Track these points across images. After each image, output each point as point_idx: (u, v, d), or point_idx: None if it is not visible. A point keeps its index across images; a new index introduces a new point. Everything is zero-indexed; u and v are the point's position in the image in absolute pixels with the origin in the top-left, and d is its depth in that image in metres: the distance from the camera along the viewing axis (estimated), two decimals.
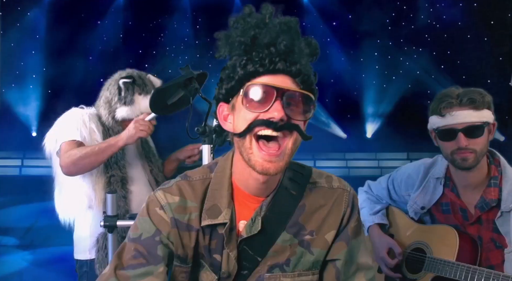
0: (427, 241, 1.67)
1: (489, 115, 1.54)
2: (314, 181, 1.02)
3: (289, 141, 0.91)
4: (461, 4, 5.60)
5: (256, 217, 0.95)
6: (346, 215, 0.99)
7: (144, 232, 0.96)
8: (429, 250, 1.64)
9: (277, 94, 0.89)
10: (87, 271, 2.11)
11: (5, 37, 5.56)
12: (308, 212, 0.98)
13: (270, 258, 0.96)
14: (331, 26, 6.36)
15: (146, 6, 5.46)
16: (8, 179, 6.29)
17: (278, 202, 0.97)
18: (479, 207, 1.58)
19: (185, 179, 1.00)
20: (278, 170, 0.90)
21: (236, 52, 0.92)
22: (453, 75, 5.58)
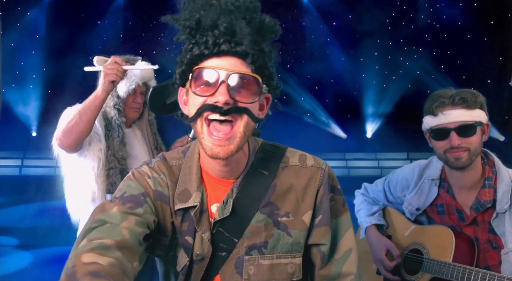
0: (424, 242, 1.67)
1: (481, 115, 1.54)
2: (286, 160, 1.00)
3: (240, 124, 0.89)
4: (461, 4, 5.60)
5: (228, 199, 0.94)
6: (320, 194, 0.97)
7: (129, 190, 0.94)
8: (426, 251, 1.64)
9: (222, 77, 0.87)
10: None
11: (5, 37, 5.56)
12: (279, 191, 0.96)
13: (246, 238, 0.95)
14: (331, 26, 6.36)
15: (146, 6, 5.47)
16: (8, 179, 6.30)
17: (249, 183, 0.96)
18: (474, 208, 1.58)
19: (164, 161, 1.00)
20: (229, 154, 0.88)
21: (184, 36, 0.91)
22: (453, 75, 5.59)
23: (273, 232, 0.95)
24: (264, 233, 0.95)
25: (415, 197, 1.71)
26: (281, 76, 6.32)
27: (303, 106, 7.03)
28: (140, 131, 2.28)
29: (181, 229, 0.95)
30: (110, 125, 2.11)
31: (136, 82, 2.09)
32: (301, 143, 3.51)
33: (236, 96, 0.87)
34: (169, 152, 1.04)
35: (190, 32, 0.90)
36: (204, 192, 0.96)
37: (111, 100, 2.13)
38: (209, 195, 0.96)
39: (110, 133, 2.09)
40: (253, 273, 0.94)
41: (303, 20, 6.19)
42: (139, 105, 2.19)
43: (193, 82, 0.90)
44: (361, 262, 2.12)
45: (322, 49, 6.04)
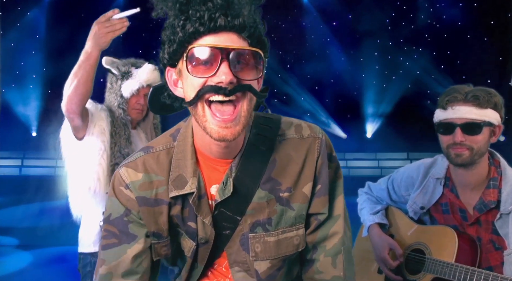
0: (427, 242, 1.66)
1: (493, 116, 1.52)
2: (283, 133, 0.96)
3: (244, 102, 0.84)
4: (461, 4, 5.60)
5: (227, 180, 0.92)
6: (319, 164, 0.94)
7: (113, 212, 0.95)
8: (429, 251, 1.64)
9: (223, 55, 0.81)
10: (91, 271, 2.10)
11: (5, 37, 5.56)
12: (279, 166, 0.93)
13: (249, 215, 0.93)
14: (331, 26, 6.35)
15: (146, 6, 5.46)
16: (8, 179, 6.29)
17: (247, 161, 0.93)
18: (478, 208, 1.57)
19: (148, 152, 0.96)
20: (236, 135, 0.84)
21: (173, 12, 0.84)
22: (453, 75, 5.58)
23: (275, 208, 0.93)
24: (267, 210, 0.93)
25: (419, 195, 1.70)
26: (281, 76, 6.34)
27: (303, 106, 7.03)
28: (145, 134, 2.30)
29: (183, 216, 0.94)
30: (116, 123, 2.13)
31: (140, 83, 2.12)
32: None
33: (239, 74, 0.82)
34: (154, 140, 1.01)
35: (180, 7, 0.83)
36: (201, 176, 0.93)
37: (115, 100, 2.17)
38: (206, 178, 0.94)
39: (117, 130, 2.12)
40: (260, 251, 0.94)
41: (303, 20, 6.19)
42: (142, 107, 2.21)
43: (189, 62, 0.84)
44: (362, 261, 2.10)
45: (322, 49, 6.03)
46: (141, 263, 0.96)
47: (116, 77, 2.18)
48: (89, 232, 2.15)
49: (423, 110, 5.65)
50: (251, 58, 0.85)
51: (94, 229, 2.12)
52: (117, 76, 2.17)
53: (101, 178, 2.09)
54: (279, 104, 4.46)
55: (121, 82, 2.18)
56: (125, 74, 2.14)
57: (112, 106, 2.17)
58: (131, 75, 2.15)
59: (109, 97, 2.21)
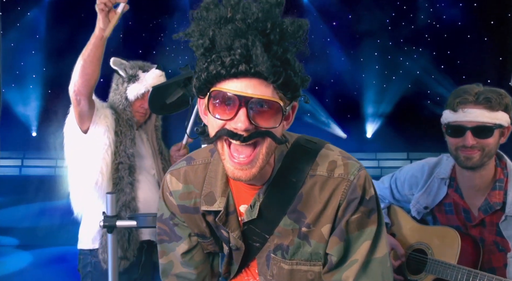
0: (429, 243, 1.66)
1: (503, 118, 1.50)
2: (315, 168, 0.95)
3: (263, 145, 0.85)
4: (461, 4, 5.60)
5: (255, 203, 0.94)
6: (342, 208, 0.92)
7: (164, 213, 1.05)
8: (431, 252, 1.63)
9: (241, 102, 0.81)
10: (91, 271, 2.10)
11: (5, 37, 5.56)
12: (304, 201, 0.94)
13: (276, 237, 0.96)
14: (331, 26, 6.35)
15: (146, 6, 5.46)
16: (8, 179, 6.29)
17: (274, 190, 0.94)
18: (483, 209, 1.56)
19: (189, 164, 1.02)
20: (251, 177, 0.85)
21: (198, 52, 0.86)
22: (453, 75, 5.58)
23: (294, 240, 0.95)
24: (291, 236, 0.95)
25: (423, 195, 1.69)
26: None
27: (303, 106, 7.02)
28: (146, 136, 2.31)
29: (216, 224, 0.99)
30: (122, 122, 2.14)
31: (146, 87, 2.13)
32: None
33: (257, 120, 0.83)
34: (197, 151, 1.06)
35: (204, 52, 0.84)
36: (231, 195, 0.97)
37: (119, 102, 2.18)
38: (236, 197, 0.97)
39: (123, 130, 2.12)
40: (276, 273, 0.98)
41: None
42: (145, 111, 2.22)
43: (211, 102, 0.85)
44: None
45: (322, 49, 6.03)
46: (192, 258, 1.07)
47: (122, 79, 2.19)
48: (89, 229, 2.15)
49: (423, 110, 5.67)
50: (271, 105, 0.83)
51: (94, 226, 2.11)
52: (124, 78, 2.17)
53: (104, 172, 2.08)
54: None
55: (127, 84, 2.19)
56: (132, 78, 2.16)
57: (116, 107, 2.18)
58: (138, 78, 2.17)
59: (114, 97, 2.22)
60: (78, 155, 2.13)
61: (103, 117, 2.07)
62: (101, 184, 2.05)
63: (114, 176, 2.06)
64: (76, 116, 2.08)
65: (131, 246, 2.06)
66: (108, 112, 2.11)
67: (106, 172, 2.06)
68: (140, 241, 2.11)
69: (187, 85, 1.74)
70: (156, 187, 2.18)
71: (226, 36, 0.81)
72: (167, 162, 2.32)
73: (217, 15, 0.82)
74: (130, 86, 2.18)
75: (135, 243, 2.07)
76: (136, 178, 2.12)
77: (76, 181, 2.16)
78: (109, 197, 1.77)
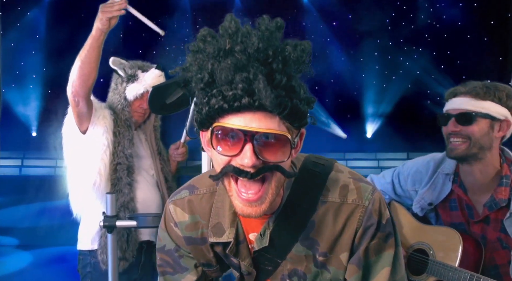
0: (430, 243, 1.64)
1: (493, 108, 1.51)
2: (326, 194, 0.91)
3: (272, 180, 0.81)
4: (461, 4, 5.60)
5: (264, 231, 0.91)
6: (358, 235, 0.89)
7: (166, 244, 1.01)
8: (432, 253, 1.62)
9: (246, 137, 0.77)
10: (91, 272, 2.10)
11: (5, 37, 5.56)
12: (317, 228, 0.90)
13: (289, 262, 0.93)
14: (331, 26, 6.35)
15: (146, 6, 5.46)
16: (8, 179, 6.29)
17: (285, 218, 0.90)
18: (488, 206, 1.55)
19: (193, 193, 0.98)
20: (261, 214, 0.81)
21: (197, 87, 0.81)
22: (453, 75, 5.58)
23: (311, 268, 0.93)
24: (305, 263, 0.93)
25: (428, 191, 1.68)
26: None
27: None
28: (145, 136, 2.30)
29: (225, 254, 0.97)
30: (120, 123, 2.14)
31: (145, 87, 2.14)
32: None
33: (264, 155, 0.78)
34: (198, 178, 1.01)
35: (204, 87, 0.79)
36: (240, 224, 0.95)
37: (118, 102, 2.19)
38: (245, 226, 0.95)
39: (121, 131, 2.12)
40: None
41: (303, 20, 6.19)
42: (144, 111, 2.22)
43: (214, 138, 0.80)
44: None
45: (322, 49, 6.03)
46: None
47: (121, 79, 2.19)
48: (88, 229, 2.15)
49: (423, 110, 5.67)
50: (278, 139, 0.79)
51: (93, 226, 2.11)
52: (123, 78, 2.18)
53: (102, 173, 2.08)
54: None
55: (126, 84, 2.20)
56: (131, 77, 2.17)
57: (115, 107, 2.18)
58: (137, 78, 2.18)
59: (112, 97, 2.22)
60: (76, 155, 2.13)
61: (101, 118, 2.07)
62: (99, 185, 2.05)
63: (113, 177, 2.06)
64: (75, 117, 2.08)
65: (130, 247, 2.06)
66: (106, 113, 2.11)
67: (104, 173, 2.05)
68: (139, 241, 2.11)
69: (187, 85, 1.74)
70: (155, 187, 2.18)
71: (226, 70, 0.76)
72: (166, 163, 2.32)
73: (215, 47, 0.78)
74: (129, 86, 2.18)
75: (134, 244, 2.07)
76: (134, 179, 2.11)
77: (75, 181, 2.16)
78: (109, 197, 1.77)
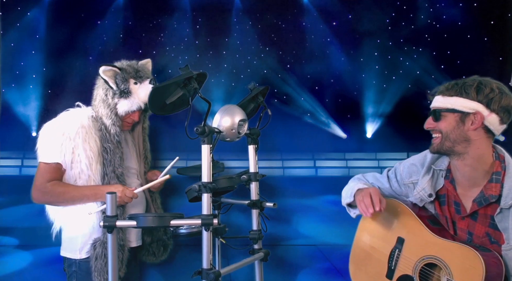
0: (445, 260, 1.58)
1: (459, 103, 1.63)
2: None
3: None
4: (461, 4, 5.60)
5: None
6: None
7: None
8: (449, 272, 1.56)
9: None
10: (76, 271, 2.10)
11: (5, 37, 5.56)
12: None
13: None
14: (331, 26, 6.34)
15: (146, 6, 5.46)
16: (8, 179, 6.28)
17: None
18: (477, 201, 1.58)
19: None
20: None
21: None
22: (453, 75, 5.56)
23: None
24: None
25: (428, 182, 1.71)
26: (281, 76, 6.33)
27: (303, 106, 7.02)
28: (132, 138, 2.26)
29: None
30: (109, 138, 2.07)
31: (138, 105, 2.10)
32: (301, 143, 3.52)
33: None
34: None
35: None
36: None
37: (108, 116, 2.10)
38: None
39: (111, 148, 2.05)
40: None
41: (303, 20, 6.18)
42: (133, 122, 2.18)
43: None
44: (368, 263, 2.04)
45: (322, 49, 6.03)
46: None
47: (113, 92, 2.10)
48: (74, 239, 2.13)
49: (423, 110, 5.67)
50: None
51: (80, 238, 2.10)
52: (114, 91, 2.09)
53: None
54: (279, 104, 4.45)
55: (117, 99, 2.11)
56: (124, 93, 2.08)
57: (103, 119, 2.10)
58: (130, 94, 2.10)
59: (101, 108, 2.12)
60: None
61: (86, 150, 2.00)
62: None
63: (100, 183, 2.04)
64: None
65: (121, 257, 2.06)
66: (92, 141, 2.04)
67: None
68: (129, 248, 2.11)
69: (187, 85, 1.73)
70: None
71: None
72: (149, 165, 2.29)
73: None
74: (121, 101, 2.10)
75: (125, 255, 2.07)
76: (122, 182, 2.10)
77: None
78: (109, 197, 1.77)
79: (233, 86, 4.27)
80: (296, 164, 4.68)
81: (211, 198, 1.86)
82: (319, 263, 3.98)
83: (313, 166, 5.00)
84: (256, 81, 2.44)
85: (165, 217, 1.82)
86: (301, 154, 4.87)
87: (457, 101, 1.64)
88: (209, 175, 1.84)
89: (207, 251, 1.81)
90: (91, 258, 2.08)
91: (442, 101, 1.69)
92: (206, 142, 1.78)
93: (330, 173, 4.82)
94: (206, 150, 1.81)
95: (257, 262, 2.37)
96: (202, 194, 1.86)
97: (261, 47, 4.01)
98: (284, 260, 3.92)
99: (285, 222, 4.15)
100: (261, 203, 2.28)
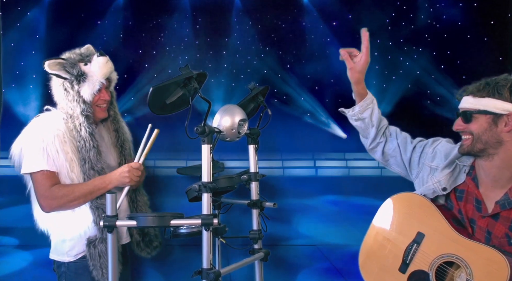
0: (467, 260, 1.57)
1: (491, 104, 1.55)
2: None
3: None
4: (461, 4, 5.60)
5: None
6: None
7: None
8: (470, 272, 1.55)
9: None
10: (65, 272, 2.10)
11: (5, 37, 5.56)
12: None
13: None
14: (331, 26, 6.34)
15: (146, 6, 5.45)
16: (8, 179, 6.28)
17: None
18: (501, 204, 1.55)
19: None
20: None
21: None
22: (453, 75, 5.57)
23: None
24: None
25: (446, 176, 1.69)
26: (281, 76, 6.34)
27: (303, 106, 7.02)
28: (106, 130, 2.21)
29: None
30: (80, 136, 2.03)
31: (99, 82, 2.01)
32: (301, 143, 3.52)
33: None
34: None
35: None
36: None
37: (77, 107, 2.04)
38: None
39: (85, 144, 2.00)
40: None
41: (303, 20, 6.18)
42: (107, 102, 2.10)
43: None
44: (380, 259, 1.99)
45: (322, 49, 6.03)
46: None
47: (69, 82, 2.02)
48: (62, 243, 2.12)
49: (423, 110, 5.66)
50: None
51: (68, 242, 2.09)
52: (70, 80, 2.01)
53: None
54: (279, 104, 4.46)
55: (77, 86, 2.03)
56: (79, 77, 1.99)
57: (74, 115, 2.03)
58: (86, 76, 2.01)
59: (69, 104, 2.05)
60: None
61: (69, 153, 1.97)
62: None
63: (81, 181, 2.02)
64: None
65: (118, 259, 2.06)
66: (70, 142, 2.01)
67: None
68: (121, 245, 2.11)
69: (187, 85, 1.74)
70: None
71: None
72: (131, 157, 2.24)
73: None
74: (82, 87, 2.04)
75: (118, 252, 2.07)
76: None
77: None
78: (108, 197, 1.77)
79: (233, 86, 4.27)
80: (296, 164, 4.67)
81: (211, 198, 1.86)
82: (319, 263, 3.98)
83: (313, 166, 4.99)
84: (256, 81, 2.44)
85: (165, 217, 1.83)
86: (301, 154, 4.87)
87: (489, 102, 1.58)
88: (209, 175, 1.84)
89: (207, 251, 1.81)
90: (88, 257, 2.07)
91: (473, 102, 1.59)
92: (206, 142, 1.78)
93: (330, 173, 4.81)
94: (206, 150, 1.81)
95: (257, 262, 2.36)
96: (202, 194, 1.86)
97: (261, 47, 4.01)
98: (284, 260, 3.92)
99: (285, 222, 4.15)
100: (261, 203, 2.28)
